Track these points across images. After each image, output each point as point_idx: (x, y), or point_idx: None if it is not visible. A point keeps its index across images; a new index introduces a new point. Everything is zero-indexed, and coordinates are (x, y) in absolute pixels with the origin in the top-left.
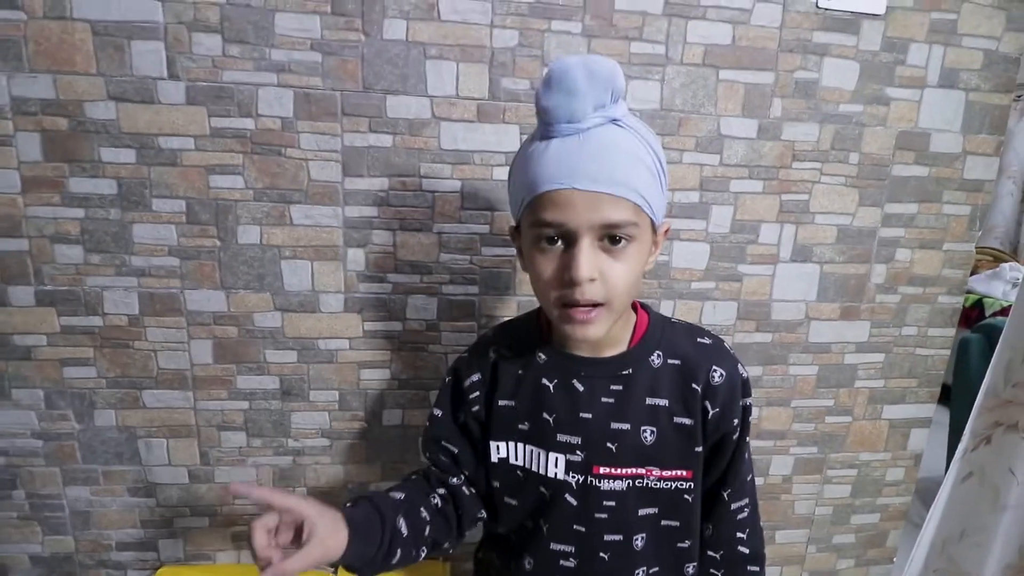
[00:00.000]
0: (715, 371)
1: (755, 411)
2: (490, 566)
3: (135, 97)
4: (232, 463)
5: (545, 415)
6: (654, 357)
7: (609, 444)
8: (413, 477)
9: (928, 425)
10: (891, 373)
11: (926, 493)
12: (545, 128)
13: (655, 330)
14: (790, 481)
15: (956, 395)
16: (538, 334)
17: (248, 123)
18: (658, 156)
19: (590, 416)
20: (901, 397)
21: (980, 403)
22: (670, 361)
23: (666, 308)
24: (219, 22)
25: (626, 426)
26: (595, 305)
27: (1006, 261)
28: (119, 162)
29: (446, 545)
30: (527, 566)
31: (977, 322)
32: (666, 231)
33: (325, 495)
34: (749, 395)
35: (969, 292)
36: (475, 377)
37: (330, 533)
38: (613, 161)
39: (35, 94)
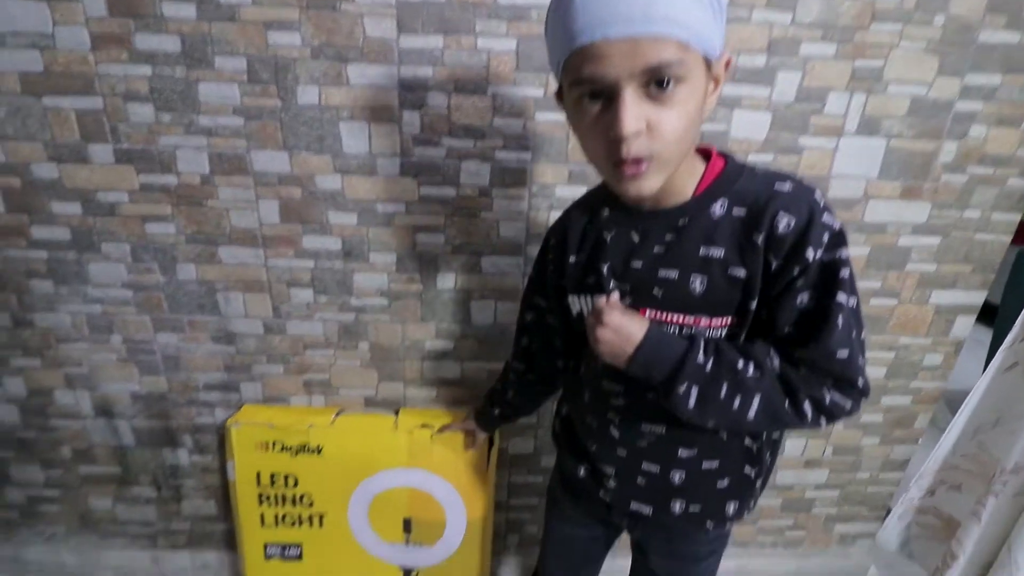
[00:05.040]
0: (781, 218)
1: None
2: (566, 418)
3: None
4: (301, 317)
5: (601, 265)
6: (716, 206)
7: (655, 290)
8: (510, 361)
9: (975, 312)
10: (945, 257)
11: (955, 403)
12: None
13: (727, 179)
14: None
15: (1004, 310)
16: (608, 191)
17: None
18: None
19: (640, 264)
20: (952, 282)
21: None
22: (735, 211)
23: None
24: None
25: (673, 273)
26: (643, 160)
27: None
28: (180, 17)
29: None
30: (585, 398)
31: None
32: (727, 64)
33: (384, 350)
34: (834, 248)
35: None
36: (552, 240)
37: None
38: None
39: None
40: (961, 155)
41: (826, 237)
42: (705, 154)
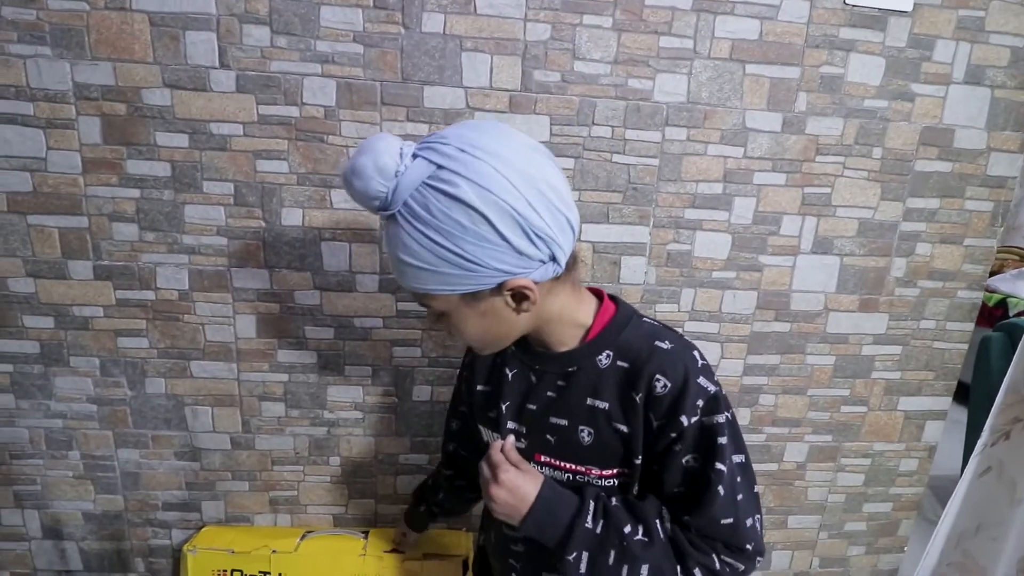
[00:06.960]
0: (658, 380)
1: (771, 400)
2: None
3: (189, 85)
4: (271, 431)
5: (501, 403)
6: (603, 357)
7: (548, 436)
8: (440, 467)
9: (943, 418)
10: (908, 365)
11: (941, 490)
12: None
13: (614, 329)
14: (804, 468)
15: (975, 393)
16: None
17: (293, 111)
18: (439, 244)
19: (534, 407)
20: (917, 389)
21: (1000, 400)
22: (619, 363)
23: (687, 296)
24: (267, 15)
25: (564, 422)
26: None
27: None
28: (173, 146)
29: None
30: (493, 539)
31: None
32: (523, 287)
33: (356, 464)
34: (710, 413)
35: (993, 291)
36: (467, 359)
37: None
38: (393, 260)
39: (96, 80)
40: (910, 271)
41: (700, 402)
42: (600, 296)
